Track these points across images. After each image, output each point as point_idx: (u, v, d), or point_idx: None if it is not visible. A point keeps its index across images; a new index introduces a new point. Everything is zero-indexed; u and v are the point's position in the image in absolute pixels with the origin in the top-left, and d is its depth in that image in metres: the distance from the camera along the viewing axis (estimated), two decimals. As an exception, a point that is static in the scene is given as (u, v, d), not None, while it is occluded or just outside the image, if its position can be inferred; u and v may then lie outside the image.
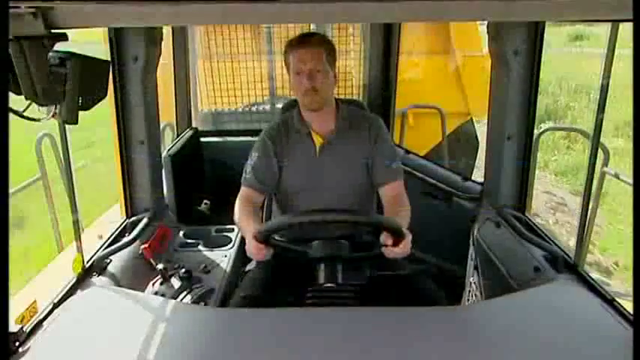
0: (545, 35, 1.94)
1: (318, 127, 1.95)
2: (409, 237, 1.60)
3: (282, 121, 2.01)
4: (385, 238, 1.61)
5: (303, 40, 1.86)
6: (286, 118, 2.01)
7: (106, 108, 1.80)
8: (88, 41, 1.85)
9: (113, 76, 1.99)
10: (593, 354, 1.23)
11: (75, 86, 1.13)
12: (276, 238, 1.67)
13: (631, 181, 2.72)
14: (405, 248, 1.59)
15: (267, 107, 3.86)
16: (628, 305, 1.46)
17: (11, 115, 1.03)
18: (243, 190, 1.94)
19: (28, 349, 1.30)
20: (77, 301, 1.53)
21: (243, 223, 1.80)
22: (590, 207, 1.86)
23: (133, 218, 2.17)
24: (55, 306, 1.53)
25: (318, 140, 1.95)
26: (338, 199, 1.91)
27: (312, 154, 1.95)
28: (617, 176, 3.07)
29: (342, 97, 3.29)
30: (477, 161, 4.63)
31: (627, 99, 1.42)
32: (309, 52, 1.82)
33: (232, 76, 3.65)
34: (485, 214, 2.26)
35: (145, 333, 1.30)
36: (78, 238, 1.76)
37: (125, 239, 1.99)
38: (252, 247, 1.63)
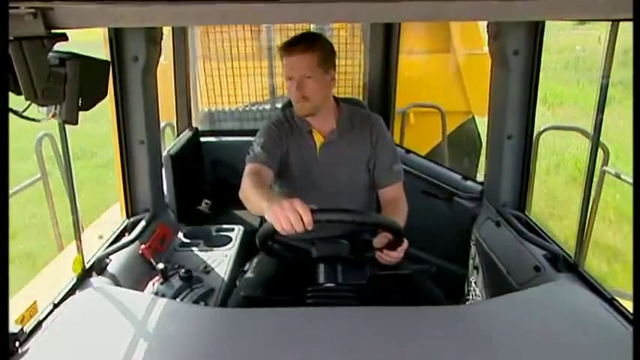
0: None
1: (318, 125, 1.95)
2: (405, 243, 1.58)
3: (284, 117, 2.01)
4: (381, 241, 1.59)
5: (291, 47, 1.80)
6: (288, 115, 2.01)
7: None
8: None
9: (113, 76, 1.99)
10: (593, 353, 1.23)
11: (75, 86, 1.13)
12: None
13: (631, 180, 2.72)
14: (401, 253, 1.56)
15: (268, 107, 3.86)
16: (628, 305, 1.46)
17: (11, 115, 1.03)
18: (250, 166, 1.80)
19: (29, 349, 1.30)
20: (77, 301, 1.53)
21: (261, 192, 1.55)
22: (590, 206, 1.86)
23: (133, 218, 2.17)
24: (55, 306, 1.53)
25: (318, 139, 1.94)
26: (338, 198, 1.91)
27: (313, 153, 1.94)
28: (618, 176, 3.06)
29: (341, 96, 3.30)
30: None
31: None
32: (298, 59, 1.78)
33: (232, 76, 3.65)
34: (485, 213, 2.26)
35: (145, 333, 1.30)
36: (78, 238, 1.76)
37: (125, 239, 1.99)
38: (289, 215, 1.34)
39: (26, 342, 1.34)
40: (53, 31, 1.01)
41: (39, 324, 1.43)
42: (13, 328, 1.32)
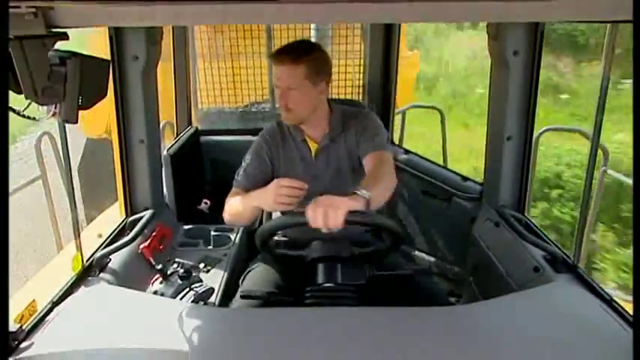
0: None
1: (312, 132, 1.94)
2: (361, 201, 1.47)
3: (278, 124, 2.00)
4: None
5: (278, 56, 1.78)
6: (284, 122, 2.00)
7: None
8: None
9: (113, 75, 1.99)
10: (592, 354, 1.23)
11: (75, 85, 1.13)
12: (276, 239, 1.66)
13: (630, 181, 2.73)
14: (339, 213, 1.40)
15: (267, 107, 3.86)
16: (627, 306, 1.46)
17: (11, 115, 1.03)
18: (234, 190, 1.93)
19: (28, 348, 1.31)
20: (76, 299, 1.53)
21: (245, 200, 1.79)
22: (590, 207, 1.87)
23: (133, 217, 2.17)
24: (55, 305, 1.53)
25: (312, 146, 1.94)
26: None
27: (308, 160, 1.94)
28: (608, 174, 3.06)
29: (342, 97, 3.30)
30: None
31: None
32: (285, 70, 1.76)
33: (232, 75, 3.65)
34: (484, 214, 2.26)
35: (145, 332, 1.30)
36: (77, 236, 1.76)
37: (125, 238, 1.99)
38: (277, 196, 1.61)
39: (25, 340, 1.34)
40: (53, 30, 1.01)
41: (38, 322, 1.43)
42: (12, 326, 1.33)
